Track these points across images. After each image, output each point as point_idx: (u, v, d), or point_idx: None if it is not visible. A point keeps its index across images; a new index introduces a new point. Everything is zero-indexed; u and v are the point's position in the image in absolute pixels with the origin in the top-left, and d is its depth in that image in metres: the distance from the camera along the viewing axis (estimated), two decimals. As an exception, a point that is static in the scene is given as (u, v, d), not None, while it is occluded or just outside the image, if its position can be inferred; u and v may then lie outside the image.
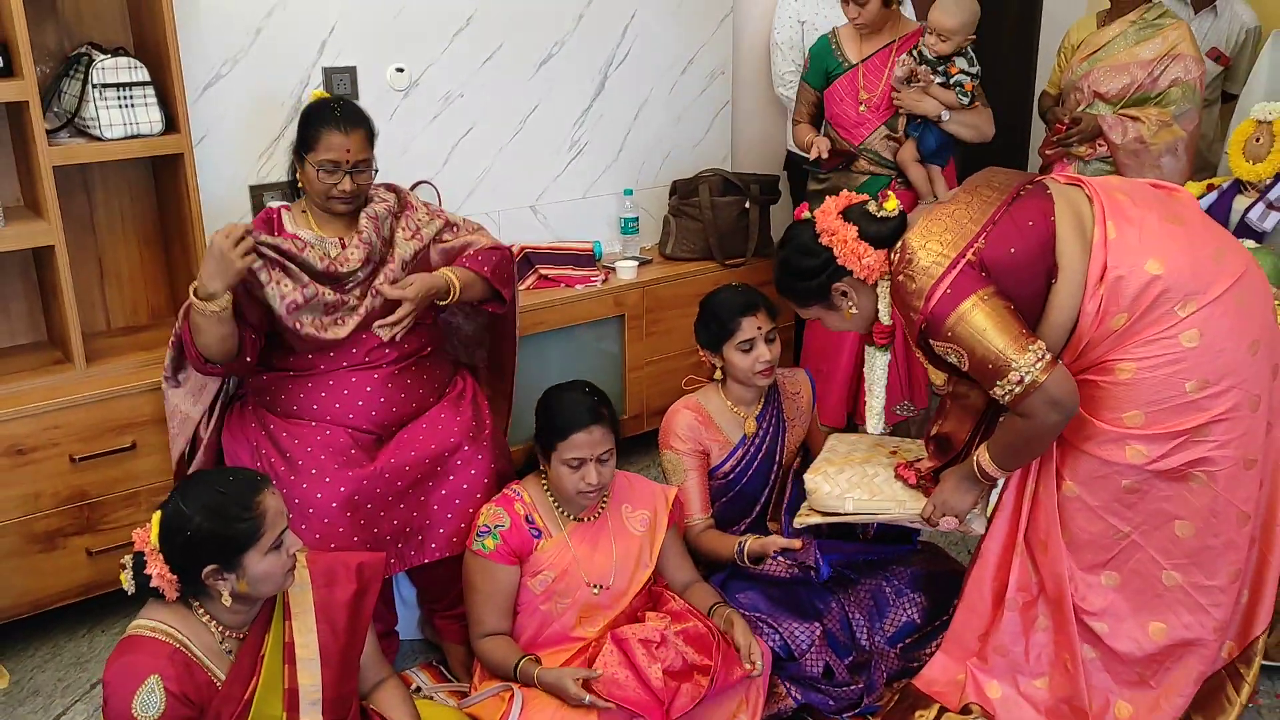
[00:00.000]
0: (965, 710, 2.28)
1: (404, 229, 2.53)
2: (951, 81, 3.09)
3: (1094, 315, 1.99)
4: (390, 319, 2.38)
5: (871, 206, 2.16)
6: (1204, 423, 1.97)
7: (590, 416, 2.26)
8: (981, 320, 1.94)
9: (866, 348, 2.36)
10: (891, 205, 2.15)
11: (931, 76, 3.09)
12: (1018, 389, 1.94)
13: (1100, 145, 3.29)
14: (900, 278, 2.05)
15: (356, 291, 2.43)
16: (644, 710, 2.09)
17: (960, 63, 3.10)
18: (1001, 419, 2.11)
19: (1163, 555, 2.07)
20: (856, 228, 2.12)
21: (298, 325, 2.34)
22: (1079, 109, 3.35)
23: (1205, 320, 1.95)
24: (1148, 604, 2.11)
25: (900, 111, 3.19)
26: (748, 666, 2.20)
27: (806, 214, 2.25)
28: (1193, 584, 2.07)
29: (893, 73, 3.18)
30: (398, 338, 2.42)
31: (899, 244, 2.08)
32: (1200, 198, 3.11)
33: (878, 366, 2.33)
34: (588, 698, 2.07)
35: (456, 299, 2.49)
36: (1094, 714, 2.17)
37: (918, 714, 2.30)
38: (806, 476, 2.41)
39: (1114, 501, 2.07)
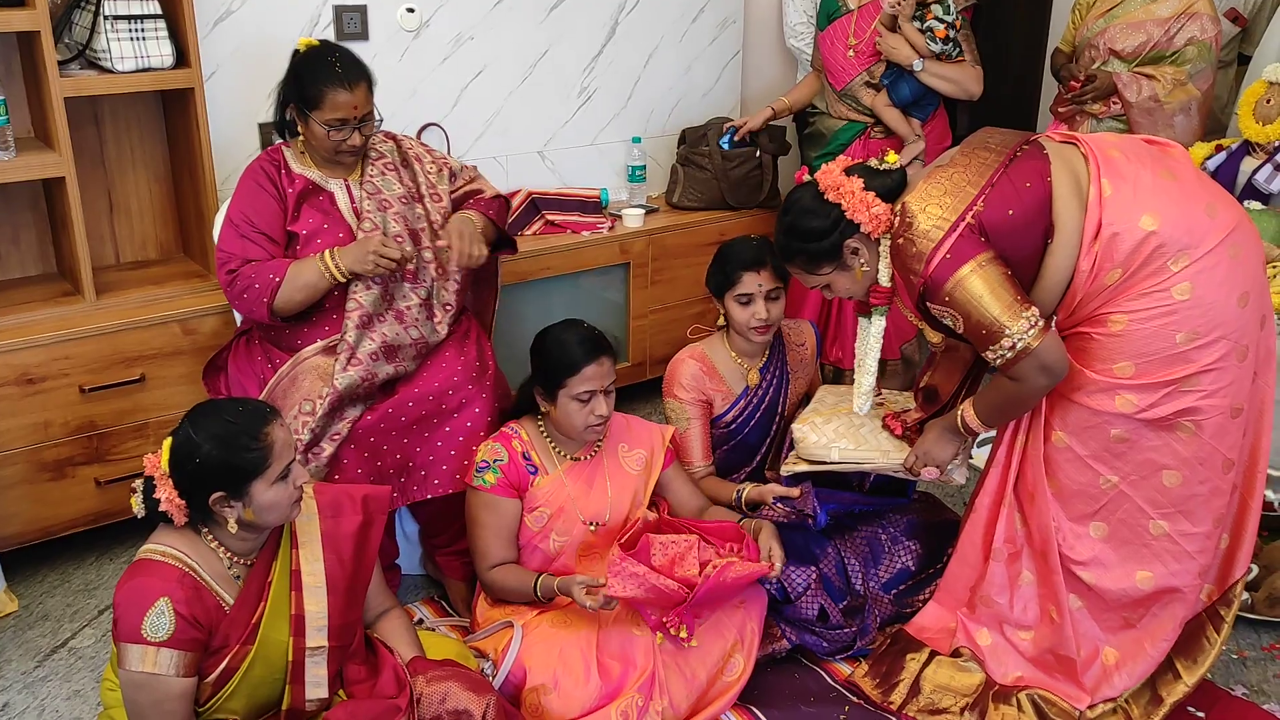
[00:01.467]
0: (955, 653, 2.33)
1: (428, 193, 2.58)
2: (924, 27, 3.12)
3: (1089, 272, 2.01)
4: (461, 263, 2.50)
5: (873, 162, 2.18)
6: (1193, 373, 2.01)
7: (597, 349, 2.29)
8: (979, 286, 1.97)
9: (860, 320, 2.36)
10: (892, 158, 2.18)
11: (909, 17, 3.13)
12: (1009, 354, 1.98)
13: (1114, 103, 3.28)
14: (900, 241, 2.07)
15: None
16: (662, 599, 2.13)
17: (936, 10, 3.14)
18: (991, 379, 2.14)
19: (1150, 505, 2.11)
20: (862, 180, 2.13)
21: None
22: (1094, 66, 3.34)
23: (1197, 274, 1.98)
24: (1135, 553, 2.15)
25: (882, 59, 3.23)
26: (765, 564, 2.24)
27: (807, 177, 2.25)
28: (1179, 532, 2.12)
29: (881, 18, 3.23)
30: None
31: (899, 206, 2.09)
32: (1209, 159, 3.11)
33: (871, 338, 2.31)
34: (589, 602, 2.12)
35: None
36: (1083, 661, 2.22)
37: (909, 657, 2.35)
38: (795, 426, 2.46)
39: (1103, 451, 2.11)
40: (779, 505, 2.46)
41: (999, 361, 2.01)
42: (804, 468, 2.45)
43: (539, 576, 2.27)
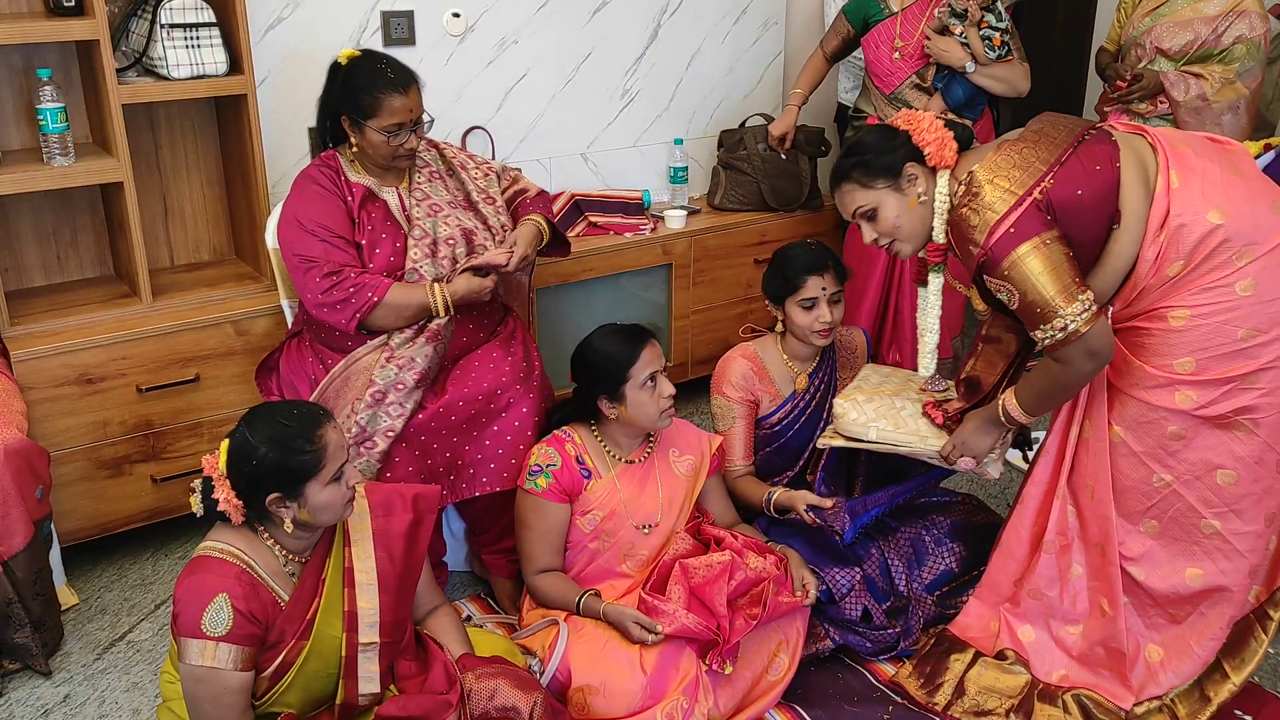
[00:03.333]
0: (1000, 656, 2.33)
1: (480, 198, 2.63)
2: (980, 35, 3.15)
3: (1152, 262, 2.01)
4: (512, 268, 2.53)
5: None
6: (1253, 370, 2.00)
7: (642, 335, 2.35)
8: (1038, 265, 1.97)
9: (920, 290, 2.38)
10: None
11: (957, 26, 3.15)
12: (1059, 335, 1.98)
13: (1161, 102, 3.26)
14: (964, 210, 2.06)
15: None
16: (702, 636, 2.17)
17: (990, 18, 3.17)
18: (1035, 365, 2.14)
19: (1203, 504, 2.11)
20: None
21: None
22: (1140, 65, 3.31)
23: (1261, 270, 1.98)
24: (1185, 550, 2.15)
25: (931, 62, 3.22)
26: (799, 594, 2.28)
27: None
28: (1231, 531, 2.11)
29: (929, 22, 3.23)
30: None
31: (966, 175, 2.09)
32: (1257, 157, 3.07)
33: (931, 296, 2.31)
34: (650, 638, 2.15)
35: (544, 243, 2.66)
36: (1128, 658, 2.21)
37: (953, 657, 2.35)
38: (836, 401, 2.47)
39: (1158, 448, 2.10)
40: (809, 513, 2.46)
41: (1047, 342, 2.01)
42: (840, 443, 2.44)
43: (583, 595, 2.29)
